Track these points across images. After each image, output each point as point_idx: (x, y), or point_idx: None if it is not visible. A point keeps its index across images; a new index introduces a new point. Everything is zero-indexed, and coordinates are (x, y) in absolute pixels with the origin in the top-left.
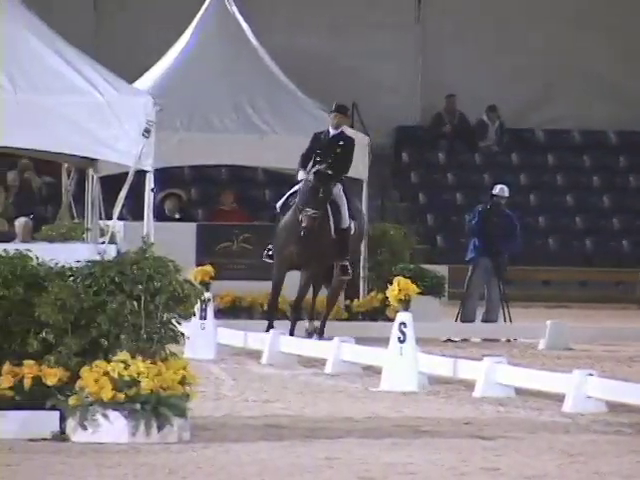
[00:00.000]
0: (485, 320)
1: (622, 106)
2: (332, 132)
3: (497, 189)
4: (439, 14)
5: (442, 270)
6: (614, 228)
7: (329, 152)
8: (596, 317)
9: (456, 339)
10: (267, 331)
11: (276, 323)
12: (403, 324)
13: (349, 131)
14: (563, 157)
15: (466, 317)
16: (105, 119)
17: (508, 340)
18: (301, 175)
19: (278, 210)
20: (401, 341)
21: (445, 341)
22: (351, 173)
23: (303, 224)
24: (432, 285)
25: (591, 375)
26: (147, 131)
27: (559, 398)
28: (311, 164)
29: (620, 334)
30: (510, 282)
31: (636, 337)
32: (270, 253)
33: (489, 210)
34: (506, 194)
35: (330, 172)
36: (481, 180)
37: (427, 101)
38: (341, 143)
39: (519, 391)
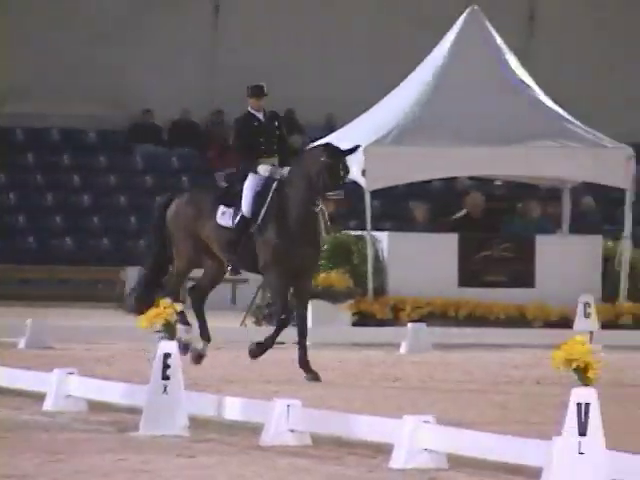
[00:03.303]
0: None
1: (100, 106)
2: (257, 114)
3: None
4: None
5: None
6: (94, 226)
7: (271, 139)
8: (77, 315)
9: None
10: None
11: None
12: None
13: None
14: (43, 156)
15: None
16: None
17: None
18: (263, 170)
19: (249, 215)
20: None
21: None
22: None
23: (331, 210)
24: None
25: (71, 374)
26: None
27: (40, 397)
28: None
29: (100, 332)
30: None
31: (115, 335)
32: (230, 267)
33: None
34: None
35: (342, 148)
36: None
37: None
38: (277, 123)
39: (0, 390)
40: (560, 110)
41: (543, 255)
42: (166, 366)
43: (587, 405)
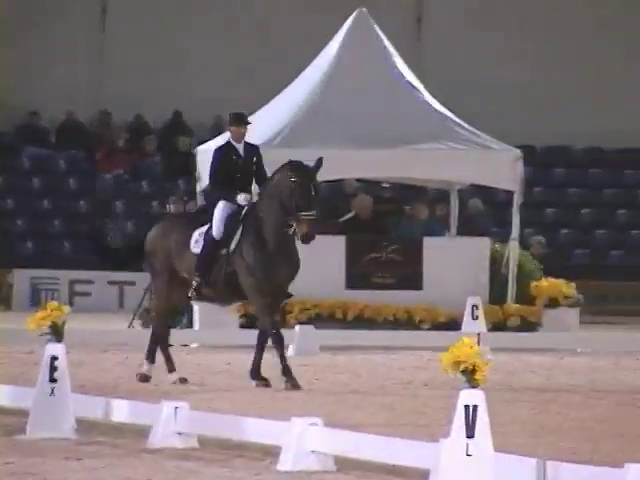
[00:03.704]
0: None
1: None
2: (237, 146)
3: None
4: None
5: None
6: None
7: (247, 175)
8: None
9: None
10: None
11: None
12: None
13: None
14: None
15: None
16: None
17: None
18: (242, 199)
19: (218, 237)
20: None
21: None
22: None
23: (304, 231)
24: None
25: None
26: None
27: None
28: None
29: None
30: None
31: (2, 338)
32: (198, 286)
33: None
34: None
35: (309, 166)
36: None
37: None
38: (255, 160)
39: None
40: (448, 112)
41: (431, 257)
42: (53, 368)
43: (475, 407)
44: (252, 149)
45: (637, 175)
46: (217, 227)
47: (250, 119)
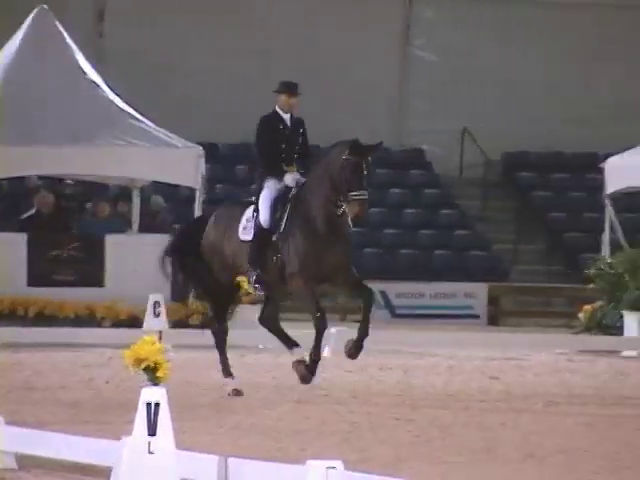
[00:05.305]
0: None
1: None
2: (284, 116)
3: None
4: None
5: None
6: None
7: (293, 147)
8: None
9: None
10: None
11: None
12: None
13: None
14: None
15: None
16: None
17: None
18: (290, 180)
19: (266, 226)
20: None
21: None
22: None
23: (355, 211)
24: None
25: None
26: None
27: None
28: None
29: None
30: None
31: None
32: (256, 279)
33: None
34: None
35: (368, 145)
36: None
37: None
38: (301, 131)
39: None
40: (131, 110)
41: (113, 254)
42: None
43: (157, 405)
44: (298, 122)
45: (390, 174)
46: (264, 214)
47: None
